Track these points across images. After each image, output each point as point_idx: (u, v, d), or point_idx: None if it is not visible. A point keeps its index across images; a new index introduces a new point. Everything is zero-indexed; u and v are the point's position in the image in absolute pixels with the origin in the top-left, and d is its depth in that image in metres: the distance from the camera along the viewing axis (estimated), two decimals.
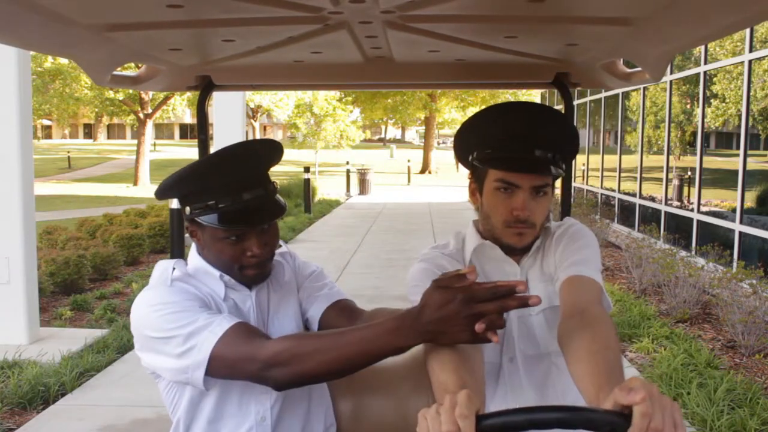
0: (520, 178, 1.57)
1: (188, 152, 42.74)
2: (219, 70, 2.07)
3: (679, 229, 9.33)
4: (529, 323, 1.66)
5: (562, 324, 1.43)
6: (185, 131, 70.99)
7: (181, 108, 30.62)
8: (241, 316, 1.65)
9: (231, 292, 1.66)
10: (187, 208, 1.58)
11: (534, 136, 1.58)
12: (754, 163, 7.63)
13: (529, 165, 1.56)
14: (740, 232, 7.51)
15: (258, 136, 31.60)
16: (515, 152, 1.57)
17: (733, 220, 7.66)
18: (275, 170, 1.80)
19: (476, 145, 1.65)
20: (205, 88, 2.15)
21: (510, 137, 1.59)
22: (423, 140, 41.95)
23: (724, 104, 8.43)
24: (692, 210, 8.97)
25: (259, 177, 1.60)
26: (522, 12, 1.34)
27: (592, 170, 14.80)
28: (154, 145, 45.71)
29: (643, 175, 11.24)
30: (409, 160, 30.59)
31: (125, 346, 5.67)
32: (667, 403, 1.03)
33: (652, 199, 10.73)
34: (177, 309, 1.52)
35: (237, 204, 1.54)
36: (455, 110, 34.92)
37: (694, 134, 9.33)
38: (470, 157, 1.68)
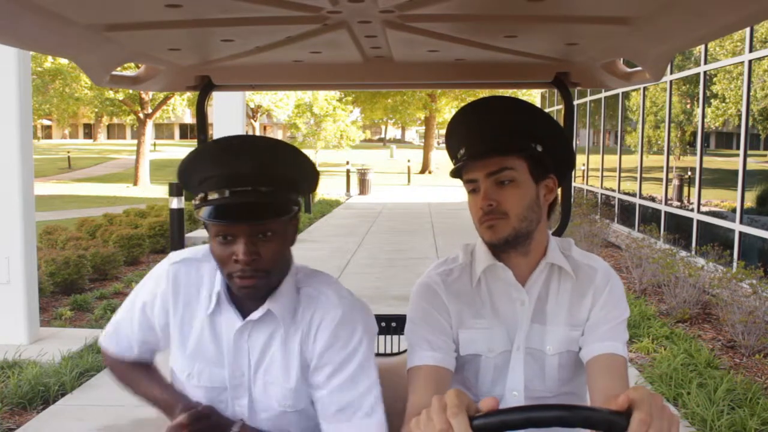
0: (475, 170, 1.51)
1: (188, 152, 42.66)
2: (218, 70, 2.07)
3: (679, 229, 9.33)
4: (541, 362, 1.60)
5: None
6: (185, 131, 70.98)
7: (181, 108, 30.64)
8: (216, 339, 1.57)
9: (225, 309, 1.57)
10: (193, 201, 1.49)
11: (483, 128, 1.53)
12: (754, 163, 7.63)
13: (477, 153, 1.50)
14: (740, 232, 7.51)
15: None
16: (468, 148, 1.52)
17: (733, 220, 7.65)
18: None
19: (451, 159, 1.63)
20: (204, 88, 2.14)
21: (465, 138, 1.55)
22: (423, 140, 41.94)
23: (724, 104, 8.43)
24: (692, 210, 8.96)
25: (254, 174, 1.44)
26: (522, 11, 1.34)
27: (592, 170, 14.80)
28: (154, 145, 45.69)
29: (643, 175, 11.24)
30: (408, 160, 30.60)
31: None
32: (667, 414, 1.03)
33: (652, 199, 10.73)
34: (133, 297, 1.70)
35: (223, 198, 1.42)
36: (455, 110, 34.80)
37: (694, 134, 9.33)
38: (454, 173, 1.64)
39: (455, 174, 1.58)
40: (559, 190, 1.87)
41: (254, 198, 1.42)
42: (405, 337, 1.65)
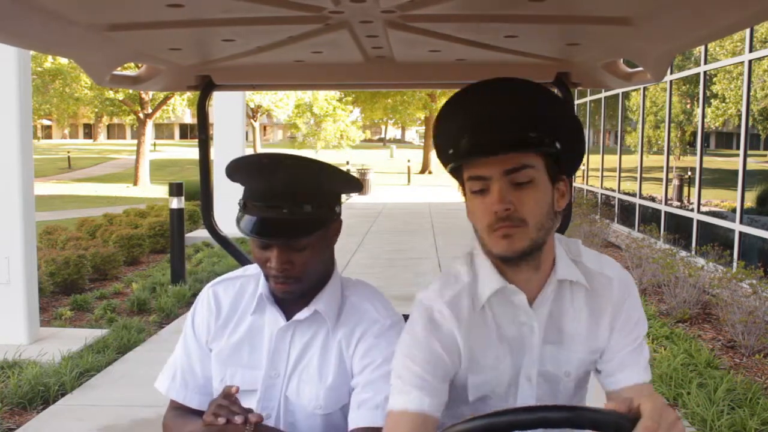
0: (487, 166, 1.28)
1: (188, 152, 42.74)
2: (219, 69, 2.07)
3: (679, 229, 9.33)
4: (555, 385, 1.44)
5: None
6: (185, 131, 70.98)
7: (181, 108, 30.63)
8: (253, 342, 1.62)
9: (268, 309, 1.62)
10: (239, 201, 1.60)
11: (499, 116, 1.28)
12: (754, 163, 7.63)
13: (493, 146, 1.26)
14: (740, 232, 7.51)
15: (258, 136, 31.62)
16: (478, 138, 1.28)
17: (733, 220, 7.66)
18: None
19: (446, 149, 1.37)
20: (205, 88, 2.14)
21: (468, 126, 1.30)
22: (423, 140, 41.95)
23: (724, 104, 8.43)
24: (692, 210, 8.97)
25: (288, 192, 1.49)
26: (523, 11, 1.33)
27: (592, 170, 14.80)
28: (154, 145, 45.70)
29: (643, 175, 11.24)
30: (409, 160, 30.61)
31: (125, 346, 5.67)
32: (671, 417, 1.02)
33: (652, 199, 10.73)
34: (187, 324, 1.71)
35: (253, 211, 1.50)
36: None
37: (694, 134, 9.33)
38: (448, 166, 1.39)
39: (455, 169, 1.35)
40: None
41: (287, 216, 1.49)
42: (393, 367, 1.40)
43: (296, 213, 1.48)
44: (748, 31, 7.41)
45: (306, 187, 1.51)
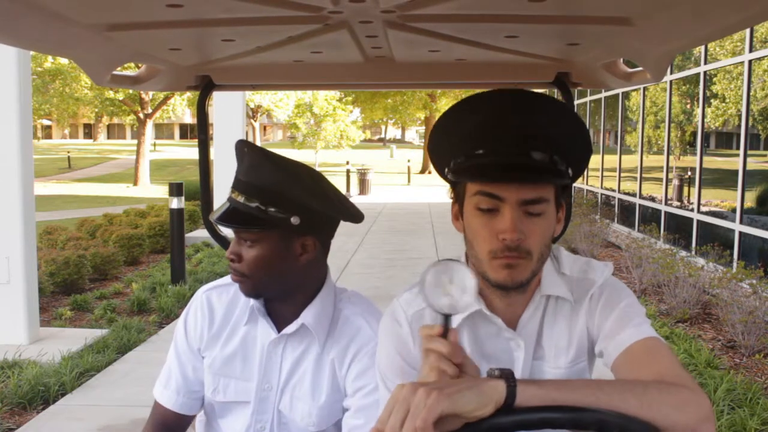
0: (504, 188, 1.17)
1: (188, 152, 42.73)
2: (219, 69, 2.06)
3: (679, 229, 9.33)
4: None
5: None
6: (185, 131, 70.99)
7: (181, 108, 30.64)
8: (246, 354, 1.60)
9: (260, 321, 1.61)
10: None
11: (523, 132, 1.19)
12: (754, 163, 7.63)
13: (516, 169, 1.17)
14: (740, 232, 7.51)
15: (258, 136, 31.62)
16: (497, 155, 1.18)
17: (733, 220, 7.66)
18: None
19: (450, 152, 1.26)
20: (205, 88, 2.14)
21: (490, 137, 1.19)
22: (423, 140, 41.96)
23: (724, 104, 8.43)
24: (692, 210, 8.97)
25: (247, 182, 1.51)
26: (523, 11, 1.33)
27: (592, 170, 14.80)
28: (154, 145, 45.70)
29: (643, 175, 11.24)
30: (409, 160, 30.61)
31: (125, 346, 5.67)
32: (418, 399, 0.93)
33: (652, 199, 10.73)
34: (178, 329, 1.70)
35: (228, 200, 1.56)
36: None
37: (694, 134, 9.33)
38: (446, 170, 1.28)
39: (457, 175, 1.24)
40: None
41: (237, 204, 1.51)
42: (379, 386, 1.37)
43: (244, 203, 1.50)
44: (748, 31, 7.41)
45: (260, 182, 1.50)
